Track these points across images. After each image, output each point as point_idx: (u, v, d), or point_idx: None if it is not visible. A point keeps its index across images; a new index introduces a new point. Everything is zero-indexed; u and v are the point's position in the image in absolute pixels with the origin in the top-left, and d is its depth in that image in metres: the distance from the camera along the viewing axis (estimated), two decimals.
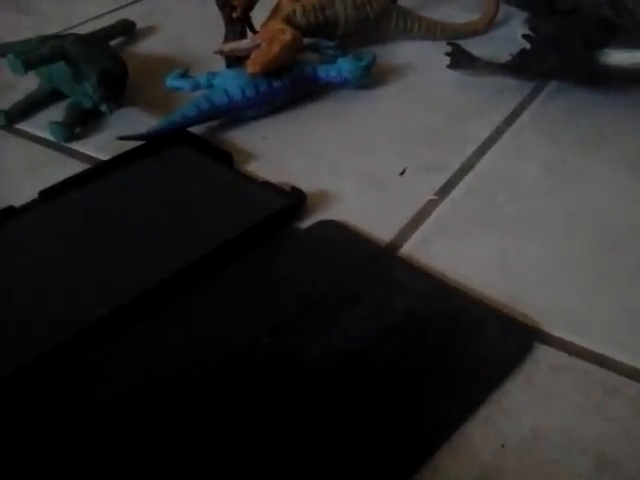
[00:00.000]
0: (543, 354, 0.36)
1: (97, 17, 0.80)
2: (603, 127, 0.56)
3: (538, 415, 0.33)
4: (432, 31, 0.70)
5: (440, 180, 0.51)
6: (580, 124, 0.56)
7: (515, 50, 0.59)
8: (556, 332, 0.38)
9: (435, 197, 0.49)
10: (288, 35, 0.59)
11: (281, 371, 0.36)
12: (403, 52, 0.69)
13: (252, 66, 0.57)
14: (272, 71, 0.58)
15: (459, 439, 0.32)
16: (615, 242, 0.44)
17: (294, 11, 0.64)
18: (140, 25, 0.78)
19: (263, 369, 0.37)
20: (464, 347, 0.37)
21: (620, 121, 0.56)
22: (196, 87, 0.59)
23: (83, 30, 0.73)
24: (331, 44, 0.64)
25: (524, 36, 0.56)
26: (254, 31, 0.66)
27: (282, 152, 0.55)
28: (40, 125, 0.58)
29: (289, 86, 0.59)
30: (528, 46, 0.56)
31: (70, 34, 0.66)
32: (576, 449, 0.32)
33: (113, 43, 0.74)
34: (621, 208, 0.47)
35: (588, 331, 0.38)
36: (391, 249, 0.45)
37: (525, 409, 0.34)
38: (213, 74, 0.59)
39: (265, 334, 0.38)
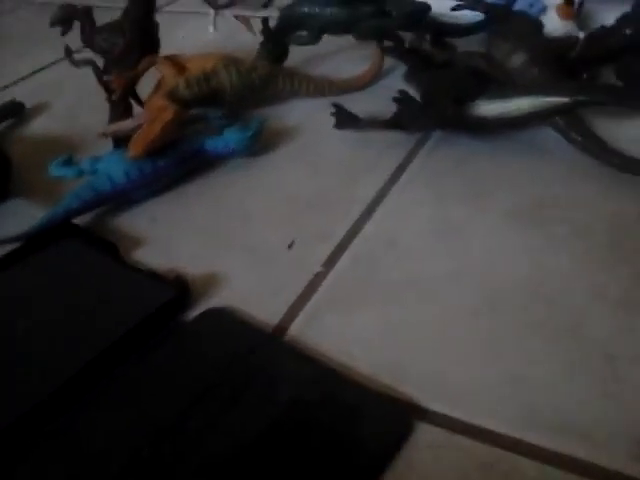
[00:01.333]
0: (423, 433, 0.37)
1: None
2: (485, 176, 0.57)
3: None
4: (320, 89, 0.72)
5: (327, 250, 0.51)
6: (463, 175, 0.58)
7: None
8: (437, 407, 0.38)
9: (322, 269, 0.50)
10: (169, 113, 0.59)
11: (191, 454, 0.36)
12: (293, 112, 0.70)
13: (133, 149, 0.56)
14: (156, 150, 0.58)
15: None
16: (494, 304, 0.45)
17: (177, 85, 0.64)
18: (31, 103, 0.77)
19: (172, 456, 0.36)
20: (346, 435, 0.37)
21: (501, 169, 0.58)
22: (80, 174, 0.58)
23: None
24: (218, 114, 0.65)
25: (393, 99, 0.57)
26: (142, 104, 0.66)
27: (171, 233, 0.55)
28: None
29: (176, 163, 0.59)
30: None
31: None
32: None
33: (1, 126, 0.73)
34: (502, 262, 0.48)
35: (467, 403, 0.38)
36: (278, 333, 0.44)
37: None
38: (96, 159, 0.58)
39: (145, 446, 0.37)
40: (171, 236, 0.54)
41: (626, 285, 0.45)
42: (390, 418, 0.38)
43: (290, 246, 0.52)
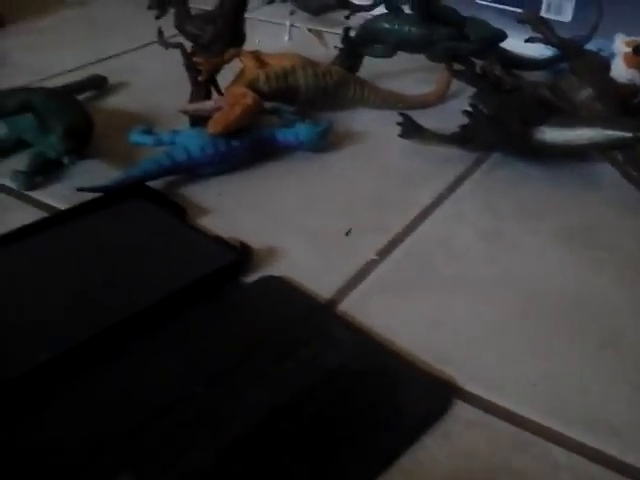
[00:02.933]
0: (461, 410, 0.39)
1: (70, 71, 0.84)
2: (539, 199, 0.60)
3: (452, 469, 0.35)
4: (387, 101, 0.75)
5: (382, 241, 0.54)
6: (517, 195, 0.60)
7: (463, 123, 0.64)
8: (474, 389, 0.40)
9: (376, 257, 0.52)
10: (249, 99, 0.63)
11: (212, 422, 0.38)
12: (359, 120, 0.74)
13: (213, 126, 0.60)
14: (232, 132, 0.61)
15: None
16: (538, 308, 0.47)
17: (258, 77, 0.68)
18: (112, 80, 0.82)
19: (194, 420, 0.38)
20: (388, 403, 0.39)
21: (556, 194, 0.61)
22: (159, 143, 0.62)
23: (55, 82, 0.76)
24: (291, 109, 0.68)
25: (464, 112, 0.61)
26: (220, 93, 0.70)
27: (235, 208, 0.58)
28: (1, 172, 0.61)
29: (247, 147, 0.63)
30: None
31: (39, 87, 0.69)
32: None
33: (83, 97, 0.77)
34: (548, 275, 0.50)
35: (504, 390, 0.40)
36: (330, 305, 0.47)
37: (440, 463, 0.36)
38: (175, 132, 0.62)
39: (199, 385, 0.40)
40: (235, 210, 0.58)
41: None
42: (431, 391, 0.40)
43: (347, 233, 0.55)
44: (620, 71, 0.74)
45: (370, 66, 0.81)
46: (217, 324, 0.45)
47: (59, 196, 0.58)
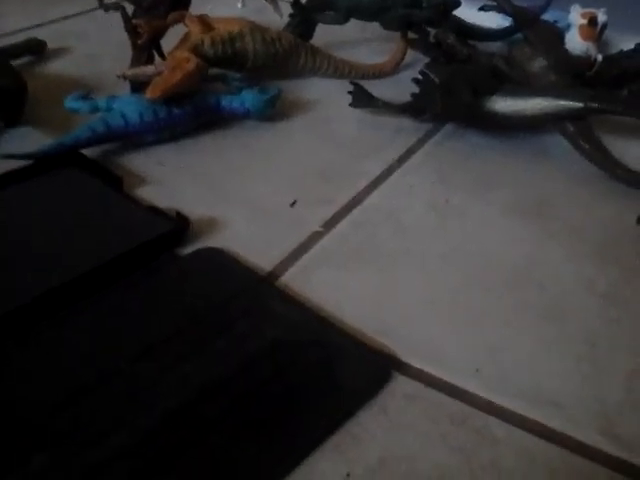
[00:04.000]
0: (400, 384, 0.37)
1: (7, 34, 0.79)
2: (490, 171, 0.59)
3: (387, 444, 0.34)
4: (340, 70, 0.73)
5: (328, 213, 0.52)
6: (469, 167, 0.59)
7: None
8: (415, 363, 0.39)
9: (321, 229, 0.50)
10: (192, 64, 0.60)
11: (138, 399, 0.36)
12: (310, 88, 0.71)
13: (151, 91, 0.57)
14: (173, 98, 0.58)
15: (305, 468, 0.33)
16: (485, 280, 0.46)
17: (202, 41, 0.65)
18: (52, 45, 0.78)
19: (119, 398, 0.36)
20: (325, 376, 0.37)
21: (507, 166, 0.59)
22: (95, 109, 0.58)
23: None
24: (238, 76, 0.66)
25: (413, 80, 0.59)
26: (163, 57, 0.67)
27: (176, 178, 0.55)
28: None
29: (190, 114, 0.60)
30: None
31: None
32: (417, 479, 0.32)
33: (20, 62, 0.73)
34: (496, 249, 0.49)
35: (446, 363, 0.39)
36: (270, 278, 0.45)
37: (375, 438, 0.34)
38: (113, 98, 0.59)
39: (125, 360, 0.37)
40: (175, 180, 0.55)
41: (614, 282, 0.46)
42: (370, 364, 0.38)
43: (292, 205, 0.53)
44: (575, 43, 0.72)
45: (324, 34, 0.79)
46: (150, 296, 0.43)
47: None
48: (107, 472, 0.32)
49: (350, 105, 0.65)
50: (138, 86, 0.62)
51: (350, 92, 0.64)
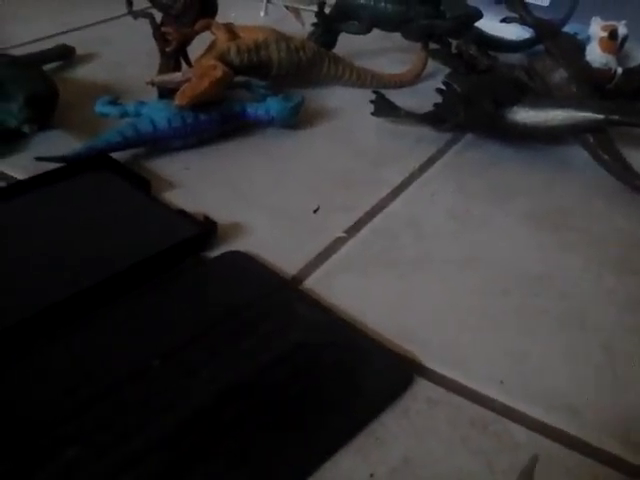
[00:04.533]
0: (422, 388, 0.38)
1: (37, 40, 0.81)
2: (510, 181, 0.59)
3: (409, 447, 0.35)
4: (362, 79, 0.74)
5: (350, 220, 0.53)
6: (489, 177, 0.60)
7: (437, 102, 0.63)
8: (437, 368, 0.40)
9: (344, 235, 0.51)
10: (219, 72, 0.61)
11: (165, 399, 0.37)
12: (332, 97, 0.73)
13: (180, 98, 0.58)
14: (201, 105, 0.60)
15: (329, 469, 0.34)
16: (505, 288, 0.47)
17: (229, 49, 0.67)
18: (81, 51, 0.80)
19: (146, 396, 0.37)
20: (348, 378, 0.38)
21: (526, 176, 0.60)
22: (124, 114, 0.60)
23: (20, 52, 0.74)
24: (262, 84, 0.67)
25: (437, 90, 0.60)
26: (190, 65, 0.68)
27: (202, 183, 0.57)
28: None
29: (216, 120, 0.61)
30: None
31: (3, 55, 0.66)
32: None
33: (50, 67, 0.75)
34: (515, 257, 0.50)
35: (467, 368, 0.40)
36: (295, 282, 0.46)
37: (398, 440, 0.35)
38: (142, 103, 0.60)
39: (156, 358, 0.39)
40: (202, 185, 0.56)
41: (633, 291, 0.46)
42: (392, 368, 0.39)
43: (315, 211, 0.54)
44: (595, 55, 0.73)
45: (346, 43, 0.80)
46: (176, 299, 0.44)
47: (18, 167, 0.56)
48: (131, 472, 0.33)
49: (372, 114, 0.66)
50: (166, 92, 0.64)
51: (372, 101, 0.66)
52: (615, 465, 0.35)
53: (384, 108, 0.64)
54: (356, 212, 0.54)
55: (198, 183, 0.56)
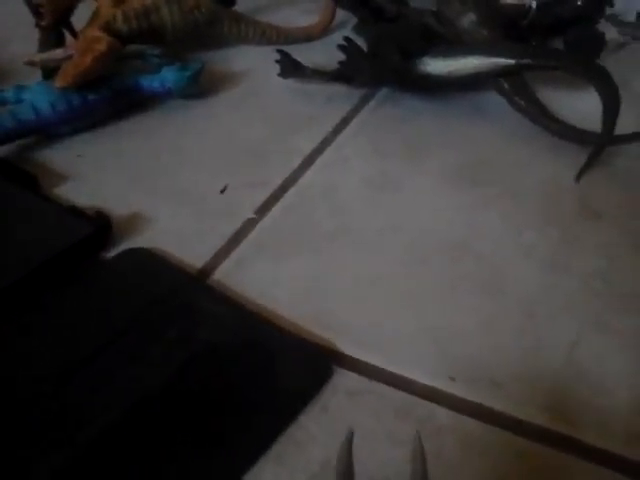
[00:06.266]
0: (341, 379, 0.36)
1: None
2: (426, 137, 0.57)
3: (329, 446, 0.33)
4: (268, 36, 0.69)
5: (261, 197, 0.50)
6: (404, 133, 0.57)
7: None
8: (356, 354, 0.38)
9: (254, 216, 0.48)
10: (103, 45, 0.56)
11: (66, 423, 0.34)
12: (237, 58, 0.68)
13: (61, 80, 0.53)
14: (87, 83, 0.54)
15: (253, 475, 0.31)
16: (424, 256, 0.45)
17: (114, 17, 0.61)
18: None
19: (52, 416, 0.34)
20: (262, 380, 0.36)
21: (443, 130, 0.58)
22: (2, 102, 0.54)
23: None
24: (156, 51, 0.62)
25: (339, 47, 0.56)
26: (75, 36, 0.62)
27: (97, 171, 0.52)
28: None
29: (108, 99, 0.56)
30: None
31: None
32: (364, 478, 0.32)
33: None
34: (434, 221, 0.48)
35: (388, 351, 0.38)
36: (202, 276, 0.43)
37: (317, 441, 0.33)
38: (21, 88, 0.54)
39: (50, 382, 0.35)
40: (97, 174, 0.52)
41: (554, 246, 0.45)
42: (310, 362, 0.37)
43: (222, 191, 0.50)
44: None
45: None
46: (75, 308, 0.40)
47: None
48: None
49: (278, 75, 0.62)
50: (50, 72, 0.58)
51: (277, 61, 0.61)
52: (542, 438, 0.34)
53: (290, 68, 0.60)
54: (267, 188, 0.51)
55: (92, 172, 0.52)
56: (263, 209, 0.49)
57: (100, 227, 0.44)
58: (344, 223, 0.48)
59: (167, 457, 0.33)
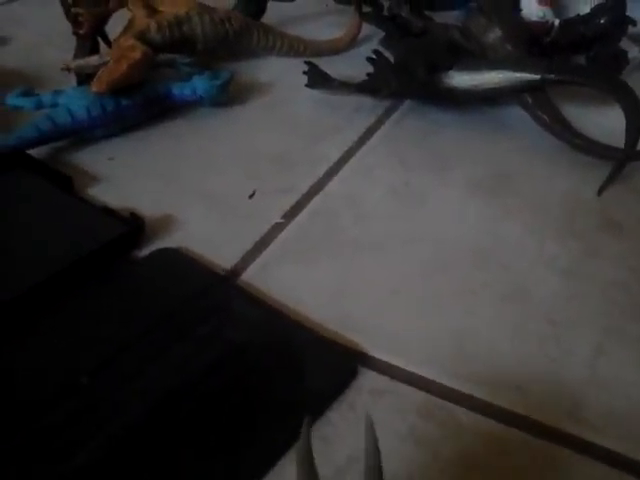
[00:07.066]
0: (366, 379, 0.37)
1: None
2: (450, 148, 0.58)
3: (356, 443, 0.34)
4: (295, 48, 0.71)
5: (288, 203, 0.51)
6: (428, 145, 0.58)
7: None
8: (380, 355, 0.38)
9: (281, 220, 0.49)
10: (138, 53, 0.58)
11: (100, 412, 0.35)
12: (265, 69, 0.69)
13: (96, 85, 0.55)
14: (121, 90, 0.56)
15: (276, 473, 0.32)
16: (447, 264, 0.45)
17: (148, 27, 0.63)
18: None
19: (80, 412, 0.35)
20: (290, 378, 0.37)
21: (467, 142, 0.59)
22: (39, 106, 0.56)
23: None
24: (187, 61, 0.63)
25: (368, 59, 0.57)
26: (109, 46, 0.64)
27: (128, 174, 0.53)
28: None
29: (140, 105, 0.58)
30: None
31: None
32: (387, 475, 0.32)
33: None
34: (457, 231, 0.49)
35: (411, 354, 0.39)
36: (231, 277, 0.44)
37: (344, 437, 0.34)
38: (58, 92, 0.56)
39: (85, 374, 0.36)
40: (129, 177, 0.53)
41: (575, 258, 0.46)
42: (336, 362, 0.38)
43: (251, 196, 0.51)
44: (532, 9, 0.72)
45: (277, 11, 0.76)
46: (106, 305, 0.42)
47: None
48: None
49: (306, 86, 0.63)
50: (84, 78, 0.60)
51: (305, 72, 0.63)
52: (566, 442, 0.34)
53: (317, 79, 0.62)
54: (294, 194, 0.52)
55: (124, 175, 0.53)
56: (290, 215, 0.50)
57: (133, 227, 0.45)
58: (368, 230, 0.49)
59: (194, 455, 0.33)
